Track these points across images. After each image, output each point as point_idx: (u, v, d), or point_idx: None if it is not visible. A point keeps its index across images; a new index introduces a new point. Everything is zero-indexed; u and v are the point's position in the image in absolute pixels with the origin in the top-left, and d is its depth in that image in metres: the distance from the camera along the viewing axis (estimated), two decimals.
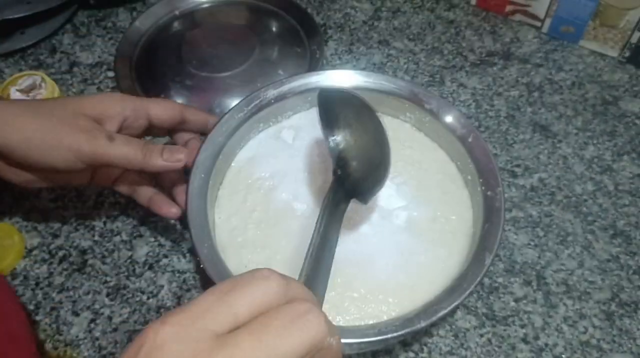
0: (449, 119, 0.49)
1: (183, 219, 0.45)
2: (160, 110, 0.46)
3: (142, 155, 0.42)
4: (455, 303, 0.39)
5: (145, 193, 0.47)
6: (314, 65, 0.65)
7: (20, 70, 0.66)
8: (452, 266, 0.44)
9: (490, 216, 0.44)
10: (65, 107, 0.41)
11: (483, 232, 0.43)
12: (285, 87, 0.52)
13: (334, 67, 0.68)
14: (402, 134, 0.52)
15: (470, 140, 0.48)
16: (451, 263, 0.44)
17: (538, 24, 0.70)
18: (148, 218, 0.55)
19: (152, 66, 0.65)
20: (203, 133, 0.49)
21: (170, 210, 0.47)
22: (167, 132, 0.50)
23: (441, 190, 0.49)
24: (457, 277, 0.41)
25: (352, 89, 0.50)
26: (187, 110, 0.47)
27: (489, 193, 0.45)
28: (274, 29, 0.69)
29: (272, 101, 0.51)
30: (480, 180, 0.46)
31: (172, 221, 0.55)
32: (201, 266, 0.42)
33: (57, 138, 0.40)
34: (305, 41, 0.67)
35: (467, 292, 0.39)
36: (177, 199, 0.48)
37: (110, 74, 0.67)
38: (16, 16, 0.65)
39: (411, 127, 0.53)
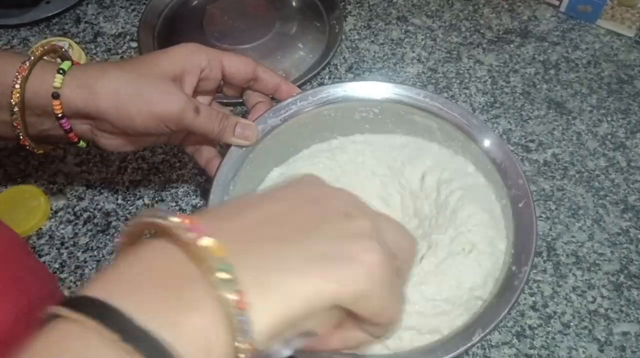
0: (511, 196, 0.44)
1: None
2: (233, 61, 0.46)
3: (218, 129, 0.44)
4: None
5: (206, 154, 0.49)
6: (333, 40, 0.66)
7: (45, 39, 0.67)
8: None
9: (505, 291, 0.39)
10: (150, 70, 0.43)
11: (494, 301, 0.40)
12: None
13: (352, 41, 0.69)
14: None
15: (520, 205, 0.43)
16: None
17: (556, 2, 0.70)
18: (169, 184, 0.57)
19: (174, 37, 0.66)
20: (273, 97, 0.49)
21: None
22: (240, 92, 0.50)
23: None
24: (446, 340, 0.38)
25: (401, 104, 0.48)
26: (261, 68, 0.48)
27: (513, 268, 0.41)
28: (293, 3, 0.70)
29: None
30: (512, 251, 0.42)
31: (193, 187, 0.57)
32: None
33: (150, 110, 0.41)
34: (325, 16, 0.68)
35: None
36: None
37: (134, 44, 0.68)
38: None
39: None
